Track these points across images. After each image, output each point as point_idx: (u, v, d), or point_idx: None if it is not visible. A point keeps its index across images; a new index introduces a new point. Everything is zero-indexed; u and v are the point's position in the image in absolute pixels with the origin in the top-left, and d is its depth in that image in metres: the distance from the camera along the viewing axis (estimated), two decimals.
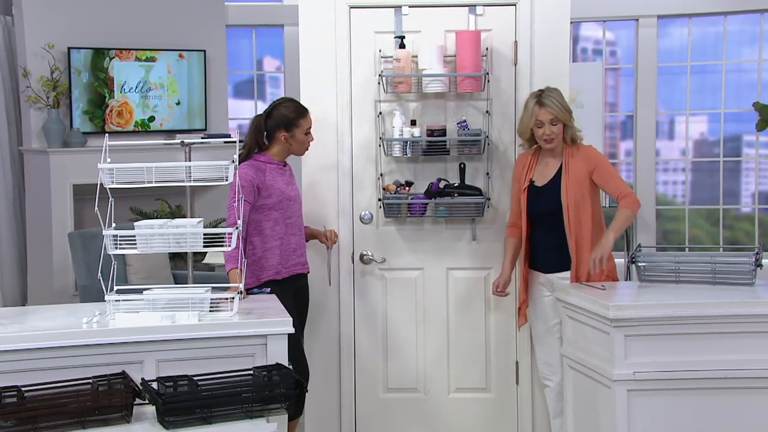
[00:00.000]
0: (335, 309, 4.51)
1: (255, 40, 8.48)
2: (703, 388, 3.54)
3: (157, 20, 7.60)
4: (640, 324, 3.53)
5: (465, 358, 4.54)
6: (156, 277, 6.09)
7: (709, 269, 3.87)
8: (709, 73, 8.02)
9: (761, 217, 7.94)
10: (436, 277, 4.52)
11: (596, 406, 3.71)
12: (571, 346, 3.89)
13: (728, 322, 3.53)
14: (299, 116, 4.08)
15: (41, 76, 6.97)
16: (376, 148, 4.44)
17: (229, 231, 3.33)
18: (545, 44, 4.41)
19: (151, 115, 7.54)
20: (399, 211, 4.38)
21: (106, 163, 3.23)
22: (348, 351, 4.53)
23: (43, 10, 7.05)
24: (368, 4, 4.43)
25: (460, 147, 4.36)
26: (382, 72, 4.35)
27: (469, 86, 4.31)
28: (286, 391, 3.00)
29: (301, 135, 4.08)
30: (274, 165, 4.07)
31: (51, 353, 3.03)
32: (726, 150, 7.96)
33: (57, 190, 6.94)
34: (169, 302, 3.24)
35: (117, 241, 3.25)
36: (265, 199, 4.00)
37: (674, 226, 8.11)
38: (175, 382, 2.96)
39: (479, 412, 4.55)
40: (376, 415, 4.57)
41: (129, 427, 2.89)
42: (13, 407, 2.80)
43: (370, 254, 4.50)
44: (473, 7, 4.41)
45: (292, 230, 4.10)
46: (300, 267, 4.15)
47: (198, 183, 3.34)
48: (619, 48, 8.21)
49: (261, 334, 3.20)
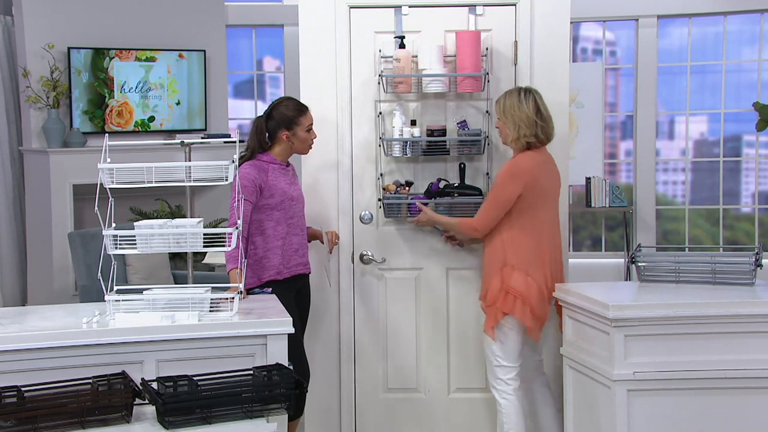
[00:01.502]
0: (335, 309, 4.52)
1: (255, 40, 8.48)
2: (703, 388, 3.54)
3: (157, 20, 7.60)
4: (640, 324, 3.53)
5: (465, 358, 4.54)
6: (156, 277, 6.09)
7: (709, 269, 3.87)
8: (709, 73, 8.03)
9: (761, 217, 7.94)
10: (436, 277, 4.52)
11: (596, 406, 3.71)
12: (571, 346, 3.89)
13: (728, 322, 3.53)
14: (299, 114, 4.08)
15: (41, 76, 6.97)
16: (376, 148, 4.44)
17: (229, 231, 3.33)
18: (545, 44, 4.41)
19: (151, 115, 7.54)
20: (399, 211, 4.38)
21: (106, 163, 3.23)
22: (348, 351, 4.53)
23: (43, 10, 7.05)
24: (368, 4, 4.43)
25: (460, 147, 4.36)
26: (382, 72, 4.35)
27: (469, 86, 4.31)
28: (286, 391, 3.00)
29: (303, 133, 4.08)
30: (277, 165, 4.07)
31: (51, 353, 3.03)
32: (726, 150, 7.96)
33: (57, 190, 6.94)
34: (169, 302, 3.24)
35: (117, 241, 3.25)
36: (267, 199, 4.00)
37: (674, 226, 8.11)
38: (175, 382, 2.95)
39: (479, 412, 4.54)
40: (376, 415, 4.57)
41: (129, 427, 2.89)
42: (13, 407, 2.80)
43: (370, 254, 4.50)
44: (473, 7, 4.41)
45: (294, 230, 4.10)
46: (302, 267, 4.15)
47: (198, 183, 3.34)
48: (619, 48, 8.21)
49: (261, 334, 3.20)
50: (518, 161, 3.97)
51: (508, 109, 3.97)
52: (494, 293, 3.95)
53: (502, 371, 3.99)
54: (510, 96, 3.99)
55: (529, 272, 3.93)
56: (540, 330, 4.00)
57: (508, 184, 3.93)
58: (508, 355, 3.98)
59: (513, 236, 3.95)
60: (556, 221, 4.11)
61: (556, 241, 4.08)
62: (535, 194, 3.95)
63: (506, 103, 3.98)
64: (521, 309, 3.91)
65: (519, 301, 3.91)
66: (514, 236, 3.95)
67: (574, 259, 6.45)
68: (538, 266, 3.96)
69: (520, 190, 3.92)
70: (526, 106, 3.94)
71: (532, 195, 3.94)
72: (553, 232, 4.06)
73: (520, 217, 3.96)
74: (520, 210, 3.95)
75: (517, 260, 3.93)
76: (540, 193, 3.98)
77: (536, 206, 3.97)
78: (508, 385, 3.98)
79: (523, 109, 3.94)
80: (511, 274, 3.93)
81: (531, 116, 3.94)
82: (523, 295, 3.91)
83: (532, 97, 3.97)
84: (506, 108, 3.98)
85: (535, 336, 3.98)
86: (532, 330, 3.96)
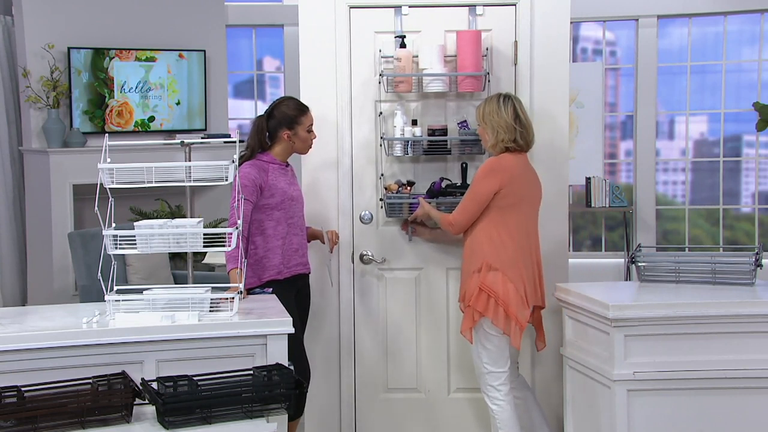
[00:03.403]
0: (335, 309, 4.52)
1: (255, 40, 8.48)
2: (703, 388, 3.55)
3: (157, 20, 7.60)
4: (640, 324, 3.53)
5: (465, 358, 4.53)
6: (156, 277, 6.09)
7: (709, 269, 3.88)
8: (709, 73, 8.03)
9: (761, 217, 7.94)
10: (436, 277, 4.52)
11: (596, 406, 3.71)
12: (571, 346, 3.89)
13: (728, 322, 3.53)
14: (300, 113, 4.08)
15: (41, 76, 6.97)
16: (377, 147, 4.44)
17: (229, 231, 3.33)
18: (545, 44, 4.41)
19: (151, 115, 7.54)
20: (401, 210, 4.38)
21: (106, 163, 3.23)
22: (348, 351, 4.53)
23: (43, 10, 7.05)
24: (368, 4, 4.43)
25: (461, 147, 4.36)
26: (383, 72, 4.35)
27: (470, 86, 4.31)
28: (286, 391, 3.00)
29: (304, 132, 4.09)
30: (277, 165, 4.07)
31: (51, 353, 3.03)
32: (726, 150, 7.96)
33: (57, 190, 6.94)
34: (169, 302, 3.25)
35: (117, 241, 3.25)
36: (267, 199, 4.00)
37: (674, 226, 8.11)
38: (175, 382, 2.96)
39: (479, 412, 4.54)
40: (376, 415, 4.57)
41: (129, 427, 2.89)
42: (13, 407, 2.80)
43: (370, 254, 4.50)
44: (473, 7, 4.41)
45: (294, 230, 4.10)
46: (301, 267, 4.15)
47: (198, 183, 3.34)
48: (619, 48, 8.21)
49: (261, 334, 3.20)
50: (497, 159, 3.97)
51: (487, 115, 3.98)
52: (471, 294, 3.91)
53: (491, 377, 3.95)
54: (489, 102, 4.00)
55: (506, 273, 3.87)
56: (519, 336, 3.87)
57: (484, 180, 3.91)
58: (494, 361, 3.93)
59: (492, 236, 3.91)
60: (536, 230, 4.04)
61: (535, 249, 4.02)
62: (515, 194, 3.92)
63: (485, 109, 3.99)
64: (494, 309, 3.85)
65: (493, 301, 3.85)
66: (494, 236, 3.91)
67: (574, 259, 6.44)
68: (517, 268, 3.89)
69: (497, 187, 3.89)
70: (505, 112, 3.95)
71: (512, 195, 3.91)
72: (532, 240, 4.00)
73: (500, 216, 3.92)
74: (500, 209, 3.91)
75: (495, 260, 3.88)
76: (520, 194, 3.94)
77: (517, 208, 3.93)
78: (498, 390, 3.94)
79: (502, 114, 3.95)
80: (488, 274, 3.88)
81: (509, 122, 3.94)
82: (497, 295, 3.85)
83: (511, 103, 3.98)
84: (485, 114, 3.99)
85: (516, 342, 3.87)
86: (507, 333, 3.86)
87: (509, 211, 3.92)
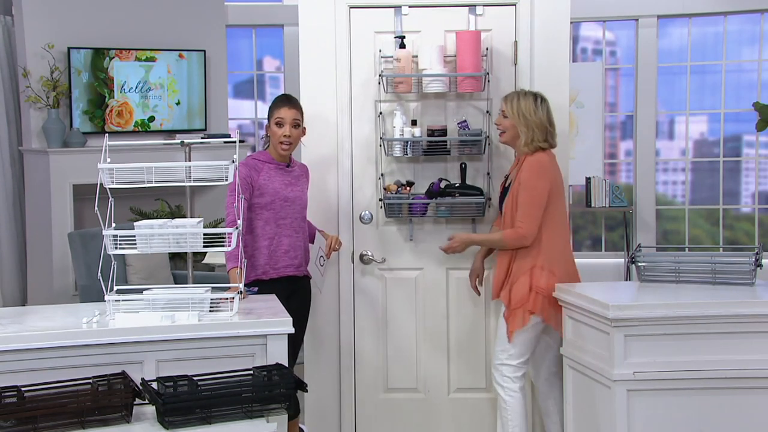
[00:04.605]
0: (335, 309, 4.52)
1: (255, 40, 8.48)
2: (703, 388, 3.54)
3: (157, 20, 7.60)
4: (640, 324, 3.53)
5: (465, 358, 4.54)
6: (156, 277, 6.09)
7: (709, 269, 3.87)
8: (708, 73, 8.03)
9: (761, 217, 7.94)
10: (436, 277, 4.52)
11: (596, 406, 3.71)
12: (571, 346, 3.89)
13: (728, 322, 3.53)
14: (273, 106, 4.05)
15: (41, 76, 6.97)
16: (377, 148, 4.44)
17: (229, 231, 3.33)
18: (545, 44, 4.41)
19: (151, 115, 7.54)
20: (400, 211, 4.38)
21: (106, 163, 3.22)
22: (348, 351, 4.53)
23: (43, 10, 7.05)
24: (368, 4, 4.43)
25: (461, 147, 4.36)
26: (383, 72, 4.35)
27: (470, 86, 4.31)
28: (286, 391, 3.00)
29: (273, 126, 4.02)
30: (273, 164, 4.05)
31: (51, 353, 3.03)
32: (726, 150, 7.96)
33: (57, 190, 6.94)
34: (168, 302, 3.24)
35: (117, 241, 3.25)
36: (257, 198, 3.98)
37: (674, 226, 8.11)
38: (175, 382, 2.95)
39: (479, 412, 4.55)
40: (376, 415, 4.57)
41: (129, 427, 2.89)
42: (13, 407, 2.80)
43: (370, 254, 4.50)
44: (473, 7, 4.41)
45: (285, 231, 4.04)
46: (292, 269, 4.06)
47: (198, 183, 3.34)
48: (619, 48, 8.21)
49: (261, 334, 3.20)
50: (538, 159, 4.00)
51: (524, 111, 4.01)
52: (522, 295, 3.96)
53: (510, 369, 4.01)
54: (525, 99, 4.02)
55: (554, 270, 3.98)
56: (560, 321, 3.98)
57: (540, 181, 3.96)
58: (521, 354, 4.01)
59: (541, 236, 3.98)
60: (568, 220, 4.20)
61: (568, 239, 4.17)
62: (556, 191, 4.02)
63: (522, 105, 4.01)
64: (546, 306, 3.95)
65: (545, 299, 3.95)
66: (542, 236, 3.98)
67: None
68: (562, 263, 4.02)
69: (550, 186, 3.97)
70: (542, 112, 4.01)
71: (555, 192, 4.00)
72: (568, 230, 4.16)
73: (547, 215, 3.99)
74: (546, 208, 3.99)
75: (545, 259, 3.97)
76: (560, 191, 4.06)
77: (557, 204, 4.03)
78: (514, 383, 4.00)
79: (539, 114, 4.00)
80: (541, 275, 3.96)
81: (544, 122, 4.01)
82: (547, 292, 3.95)
83: (546, 104, 4.05)
84: (522, 110, 4.01)
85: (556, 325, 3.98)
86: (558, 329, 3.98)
87: (552, 208, 4.00)
